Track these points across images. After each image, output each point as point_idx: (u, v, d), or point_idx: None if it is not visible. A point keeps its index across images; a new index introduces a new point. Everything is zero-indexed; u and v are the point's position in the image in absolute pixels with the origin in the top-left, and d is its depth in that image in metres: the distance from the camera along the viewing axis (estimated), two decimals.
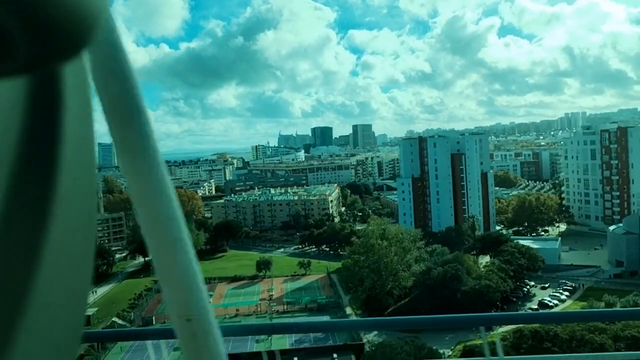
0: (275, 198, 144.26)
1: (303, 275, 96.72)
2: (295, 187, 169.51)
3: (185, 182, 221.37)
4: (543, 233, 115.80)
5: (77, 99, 0.77)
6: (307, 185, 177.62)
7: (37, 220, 0.68)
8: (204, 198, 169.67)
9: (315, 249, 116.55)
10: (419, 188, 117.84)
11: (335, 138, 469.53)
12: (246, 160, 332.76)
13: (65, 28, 0.56)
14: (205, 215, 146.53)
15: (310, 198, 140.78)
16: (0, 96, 0.65)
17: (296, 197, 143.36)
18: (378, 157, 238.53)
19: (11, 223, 0.64)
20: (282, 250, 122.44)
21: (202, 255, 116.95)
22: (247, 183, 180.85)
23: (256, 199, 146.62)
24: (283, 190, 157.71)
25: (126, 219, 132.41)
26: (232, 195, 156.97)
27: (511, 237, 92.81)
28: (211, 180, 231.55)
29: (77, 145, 0.77)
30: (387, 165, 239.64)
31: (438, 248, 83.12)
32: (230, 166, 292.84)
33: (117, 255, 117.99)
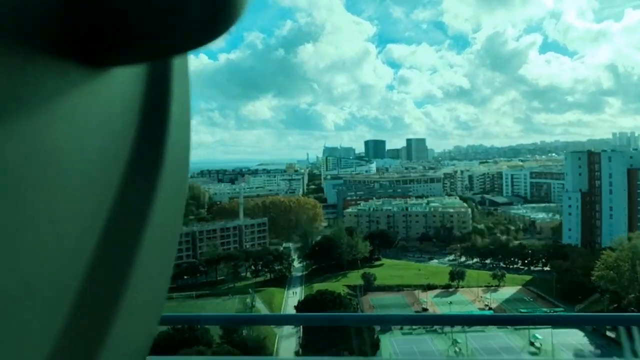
0: (412, 209, 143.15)
1: (497, 286, 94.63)
2: (404, 198, 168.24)
3: (271, 190, 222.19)
4: None
5: (179, 101, 0.75)
6: (412, 197, 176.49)
7: (138, 220, 0.68)
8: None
9: (476, 261, 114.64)
10: (587, 203, 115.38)
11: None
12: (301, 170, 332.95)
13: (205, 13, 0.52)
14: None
15: (449, 210, 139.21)
16: (122, 92, 0.63)
17: (432, 209, 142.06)
18: (468, 170, 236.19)
19: (118, 222, 0.64)
20: (436, 261, 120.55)
21: (362, 263, 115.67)
22: (358, 193, 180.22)
23: (389, 209, 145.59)
24: (403, 201, 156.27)
25: (269, 224, 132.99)
26: (362, 205, 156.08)
27: None
28: (299, 189, 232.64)
29: (175, 149, 0.75)
30: (477, 180, 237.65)
31: None
32: (301, 177, 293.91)
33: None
